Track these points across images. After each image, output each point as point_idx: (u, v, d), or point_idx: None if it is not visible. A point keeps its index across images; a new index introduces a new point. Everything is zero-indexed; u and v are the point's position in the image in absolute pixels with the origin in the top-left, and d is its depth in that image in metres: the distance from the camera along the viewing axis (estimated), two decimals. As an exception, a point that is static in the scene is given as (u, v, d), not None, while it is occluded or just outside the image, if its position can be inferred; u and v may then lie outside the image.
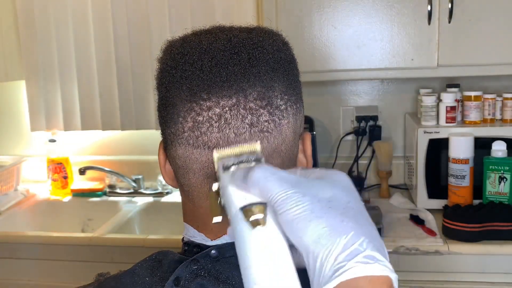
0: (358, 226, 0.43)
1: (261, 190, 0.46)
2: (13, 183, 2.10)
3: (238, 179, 0.48)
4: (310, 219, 0.42)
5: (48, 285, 1.67)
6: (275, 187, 0.45)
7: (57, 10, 2.04)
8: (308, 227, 0.42)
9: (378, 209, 1.64)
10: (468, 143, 1.57)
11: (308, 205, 0.43)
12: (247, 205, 0.47)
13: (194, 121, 0.56)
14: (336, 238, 0.41)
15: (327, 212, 0.43)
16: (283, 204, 0.44)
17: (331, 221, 0.42)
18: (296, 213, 0.43)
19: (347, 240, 0.41)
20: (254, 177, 0.46)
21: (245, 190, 0.47)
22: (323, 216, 0.43)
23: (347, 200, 0.45)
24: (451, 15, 1.59)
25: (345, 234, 0.41)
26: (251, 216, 0.46)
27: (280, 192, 0.44)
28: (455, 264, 1.44)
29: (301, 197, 0.44)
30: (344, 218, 0.43)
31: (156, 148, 0.66)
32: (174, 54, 0.59)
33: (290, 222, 0.43)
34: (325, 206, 0.44)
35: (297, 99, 0.61)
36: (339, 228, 0.42)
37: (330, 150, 2.04)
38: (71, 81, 2.07)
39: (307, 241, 0.42)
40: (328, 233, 0.41)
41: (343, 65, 1.69)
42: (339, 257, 0.40)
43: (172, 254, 0.63)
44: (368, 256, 0.41)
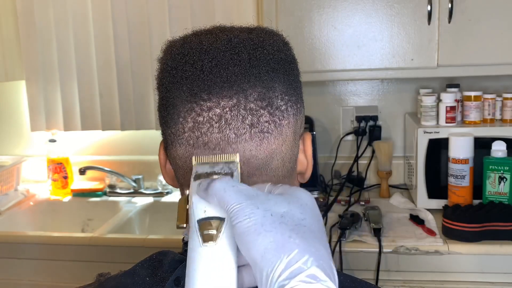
0: (305, 243, 0.42)
1: (219, 201, 0.46)
2: (13, 183, 2.10)
3: (201, 190, 0.48)
4: (259, 232, 0.43)
5: (48, 285, 1.66)
6: (231, 199, 0.46)
7: (57, 10, 2.04)
8: (256, 240, 0.43)
9: (378, 209, 1.64)
10: (468, 143, 1.57)
11: (259, 218, 0.44)
12: (205, 218, 0.47)
13: (194, 122, 0.56)
14: (281, 254, 0.41)
15: (277, 227, 0.43)
16: (236, 216, 0.44)
17: (279, 237, 0.42)
18: (247, 225, 0.44)
19: (291, 257, 0.41)
20: (214, 188, 0.47)
21: (206, 200, 0.48)
22: (272, 231, 0.43)
23: (301, 217, 0.45)
24: (451, 15, 1.59)
25: (290, 251, 0.41)
26: (205, 230, 0.47)
27: (235, 203, 0.45)
28: (455, 264, 1.44)
29: (254, 210, 0.44)
30: (293, 235, 0.43)
31: (156, 148, 0.66)
32: (175, 54, 0.59)
33: (241, 234, 0.44)
34: (277, 220, 0.44)
35: (298, 99, 0.61)
36: (286, 244, 0.42)
37: (330, 150, 2.04)
38: (71, 81, 2.07)
39: (254, 255, 0.42)
40: (274, 248, 0.42)
41: (343, 65, 1.69)
42: (282, 274, 0.40)
43: (172, 254, 0.63)
44: (310, 275, 0.40)
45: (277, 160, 0.59)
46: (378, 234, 1.47)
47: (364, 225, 1.56)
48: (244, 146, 0.56)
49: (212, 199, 0.47)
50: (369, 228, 1.52)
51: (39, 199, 2.10)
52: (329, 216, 1.61)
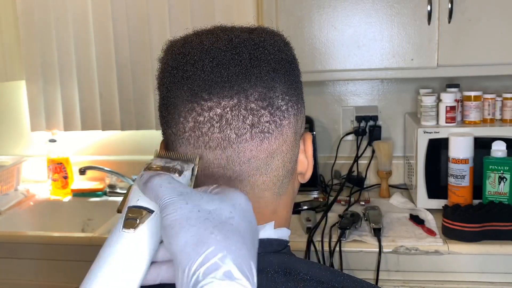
0: (226, 241, 0.43)
1: (155, 195, 0.47)
2: (13, 183, 2.10)
3: (141, 182, 0.50)
4: (183, 226, 0.43)
5: (48, 285, 1.66)
6: (165, 192, 0.47)
7: (57, 10, 2.04)
8: (179, 234, 0.43)
9: (378, 209, 1.64)
10: (468, 143, 1.57)
11: (186, 212, 0.44)
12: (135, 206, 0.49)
13: (195, 122, 0.56)
14: (200, 248, 0.42)
15: (201, 222, 0.44)
16: (166, 209, 0.45)
17: (201, 232, 0.43)
18: (173, 218, 0.44)
19: (208, 253, 0.41)
20: (153, 183, 0.48)
21: (144, 193, 0.49)
22: (195, 226, 0.43)
23: (230, 216, 0.46)
24: (451, 15, 1.59)
25: (208, 246, 0.42)
26: (129, 217, 0.48)
27: (167, 197, 0.46)
28: (454, 264, 1.44)
29: (183, 205, 0.45)
30: (215, 231, 0.43)
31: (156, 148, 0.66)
32: (175, 54, 0.59)
33: (166, 227, 0.44)
34: (202, 216, 0.44)
35: (298, 100, 0.61)
36: (206, 239, 0.42)
37: (330, 150, 2.04)
38: (71, 81, 2.07)
39: (174, 248, 0.43)
40: (194, 243, 0.42)
41: (343, 65, 1.69)
42: (199, 270, 0.41)
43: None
44: (226, 272, 0.41)
45: (277, 160, 0.59)
46: (378, 234, 1.47)
47: (364, 225, 1.57)
48: (244, 146, 0.56)
49: (149, 193, 0.48)
50: (369, 228, 1.52)
51: (39, 199, 2.10)
52: (329, 216, 1.61)
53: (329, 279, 0.60)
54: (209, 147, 0.56)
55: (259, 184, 0.58)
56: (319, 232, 1.52)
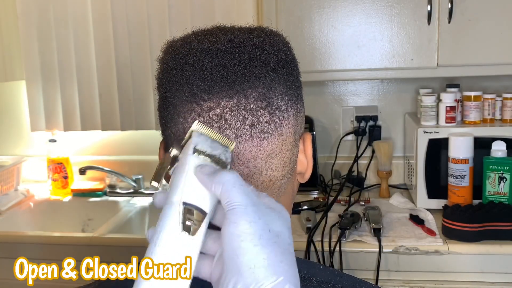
0: (291, 272, 0.44)
1: (224, 193, 0.46)
2: (13, 183, 2.10)
3: (205, 173, 0.47)
4: (255, 244, 0.43)
5: (48, 285, 1.66)
6: (238, 197, 0.45)
7: (57, 10, 2.04)
8: (250, 251, 0.43)
9: (378, 209, 1.64)
10: (468, 143, 1.57)
11: (259, 230, 0.44)
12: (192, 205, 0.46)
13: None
14: (270, 275, 0.42)
15: (272, 245, 0.44)
16: (237, 217, 0.44)
17: (272, 257, 0.43)
18: (245, 231, 0.44)
19: (277, 282, 0.42)
20: (224, 177, 0.46)
21: (206, 185, 0.47)
22: (267, 248, 0.43)
23: (289, 241, 0.46)
24: (451, 15, 1.59)
25: (278, 276, 0.42)
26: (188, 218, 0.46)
27: (240, 204, 0.45)
28: (454, 264, 1.44)
29: (257, 219, 0.44)
30: (284, 259, 0.44)
31: (156, 148, 0.66)
32: (175, 54, 0.59)
33: (235, 236, 0.44)
34: (273, 239, 0.44)
35: (298, 100, 0.61)
36: (276, 267, 0.43)
37: (330, 150, 2.04)
38: (71, 81, 2.07)
39: (241, 262, 0.43)
40: (265, 266, 0.42)
41: (343, 65, 1.69)
42: None
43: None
44: None
45: (277, 160, 0.59)
46: (378, 234, 1.47)
47: (364, 225, 1.57)
48: (244, 147, 0.56)
49: (216, 187, 0.46)
50: (369, 228, 1.52)
51: (39, 199, 2.10)
52: (329, 216, 1.60)
53: (329, 279, 0.60)
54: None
55: (258, 184, 0.58)
56: (319, 232, 1.52)
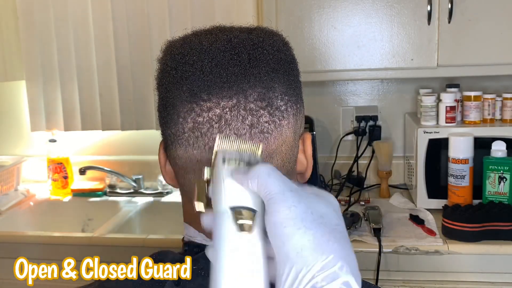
0: (341, 249, 0.42)
1: (260, 185, 0.45)
2: (13, 183, 2.10)
3: (239, 173, 0.47)
4: (299, 227, 0.42)
5: (48, 285, 1.66)
6: (275, 186, 0.44)
7: (57, 10, 2.04)
8: (294, 235, 0.42)
9: (378, 209, 1.64)
10: (468, 143, 1.57)
11: (300, 213, 0.43)
12: (239, 207, 0.45)
13: (194, 122, 0.56)
14: (319, 255, 0.41)
15: (317, 226, 0.42)
16: (277, 205, 0.43)
17: (318, 237, 0.42)
18: (287, 216, 0.42)
19: (328, 261, 0.41)
20: (258, 170, 0.45)
21: (243, 183, 0.46)
22: (312, 229, 0.42)
23: (336, 222, 0.45)
24: (451, 15, 1.59)
25: (328, 254, 0.41)
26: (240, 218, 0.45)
27: (278, 192, 0.44)
28: (454, 264, 1.44)
29: (297, 203, 0.43)
30: (331, 238, 0.42)
31: (156, 148, 0.66)
32: (174, 54, 0.59)
33: (278, 224, 0.42)
34: (317, 220, 0.43)
35: (298, 100, 0.61)
36: (324, 246, 0.41)
37: (330, 150, 2.04)
38: (71, 81, 2.07)
39: (288, 249, 0.42)
40: (312, 248, 0.41)
41: (343, 65, 1.69)
42: (317, 276, 0.40)
43: (172, 254, 0.63)
44: (345, 283, 0.40)
45: (277, 160, 0.59)
46: (378, 234, 1.47)
47: (364, 225, 1.56)
48: (244, 147, 0.56)
49: (252, 181, 0.45)
50: (369, 228, 1.52)
51: (39, 199, 2.10)
52: (329, 216, 1.60)
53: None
54: (208, 148, 0.56)
55: None
56: (319, 232, 1.52)
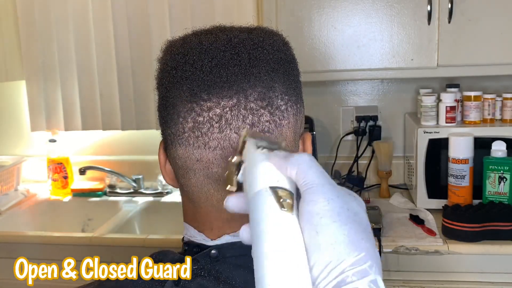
0: (372, 250, 0.43)
1: (300, 173, 0.45)
2: (13, 183, 2.10)
3: (278, 157, 0.47)
4: (335, 220, 0.43)
5: (48, 285, 1.66)
6: (315, 177, 0.45)
7: (57, 10, 2.04)
8: (330, 226, 0.42)
9: (378, 209, 1.64)
10: (468, 143, 1.57)
11: (337, 207, 0.43)
12: (278, 187, 0.46)
13: (194, 122, 0.56)
14: (351, 250, 0.41)
15: (351, 222, 0.43)
16: (315, 195, 0.44)
17: (352, 233, 0.43)
18: (324, 208, 0.43)
19: (360, 258, 0.41)
20: (300, 158, 0.46)
21: (281, 168, 0.46)
22: (347, 224, 0.43)
23: (367, 223, 0.46)
24: (451, 15, 1.59)
25: (360, 251, 0.42)
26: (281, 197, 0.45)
27: (318, 183, 0.44)
28: (455, 264, 1.44)
29: (335, 197, 0.44)
30: (364, 237, 0.43)
31: (156, 148, 0.66)
32: (174, 54, 0.59)
33: (314, 214, 0.43)
34: (352, 217, 0.44)
35: (298, 99, 0.61)
36: (357, 243, 0.42)
37: (330, 150, 2.04)
38: (72, 81, 2.07)
39: (322, 239, 0.42)
40: (346, 242, 0.42)
41: (343, 65, 1.69)
42: (348, 271, 0.41)
43: (172, 254, 0.63)
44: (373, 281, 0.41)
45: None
46: (378, 234, 1.47)
47: (364, 225, 1.56)
48: (244, 146, 0.56)
49: (292, 168, 0.46)
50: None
51: (39, 199, 2.10)
52: (329, 216, 1.60)
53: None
54: (208, 147, 0.56)
55: None
56: (319, 232, 1.52)
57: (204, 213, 0.61)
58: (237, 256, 0.59)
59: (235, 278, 0.57)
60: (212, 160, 0.57)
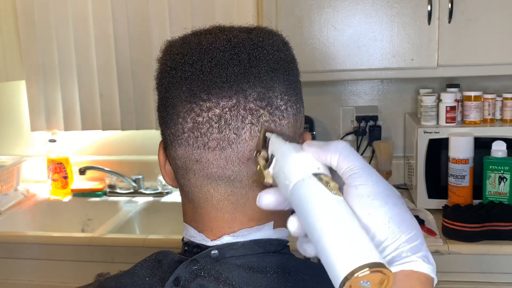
0: (419, 228, 0.46)
1: (342, 160, 0.46)
2: (13, 183, 2.10)
3: (315, 146, 0.48)
4: (386, 201, 0.45)
5: (48, 285, 1.66)
6: (358, 161, 0.46)
7: (57, 10, 2.04)
8: (383, 207, 0.44)
9: (378, 209, 1.63)
10: (468, 143, 1.57)
11: (385, 189, 0.45)
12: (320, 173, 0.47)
13: (194, 122, 0.56)
14: (405, 228, 0.44)
15: (401, 204, 0.46)
16: (363, 179, 0.45)
17: (403, 213, 0.45)
18: (375, 191, 0.45)
19: (411, 235, 0.44)
20: (339, 145, 0.47)
21: (320, 157, 0.47)
22: (397, 205, 0.45)
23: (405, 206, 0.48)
24: (451, 15, 1.59)
25: (412, 230, 0.44)
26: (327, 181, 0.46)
27: (362, 167, 0.46)
28: (455, 264, 1.44)
29: (380, 179, 0.46)
30: (412, 218, 0.46)
31: (156, 148, 0.66)
32: (174, 54, 0.59)
33: (365, 196, 0.44)
34: (398, 199, 0.46)
35: (297, 99, 0.61)
36: (409, 222, 0.45)
37: (330, 150, 2.03)
38: (71, 81, 2.07)
39: (375, 219, 0.44)
40: (399, 221, 0.44)
41: (343, 65, 1.69)
42: (402, 247, 0.43)
43: (172, 254, 0.63)
44: (425, 256, 0.44)
45: (277, 160, 0.59)
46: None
47: (364, 225, 1.56)
48: (244, 146, 0.56)
49: (334, 155, 0.47)
50: (369, 228, 1.52)
51: (39, 199, 2.10)
52: (329, 216, 1.60)
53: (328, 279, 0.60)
54: (208, 148, 0.56)
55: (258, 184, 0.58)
56: (319, 232, 1.52)
57: (204, 213, 0.61)
58: (237, 257, 0.59)
59: (235, 278, 0.57)
60: (211, 160, 0.57)
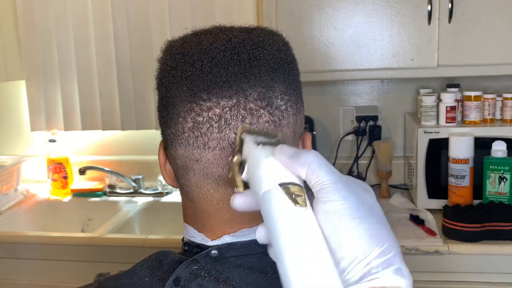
0: (392, 238, 0.45)
1: (311, 173, 0.45)
2: (13, 183, 2.10)
3: (285, 155, 0.47)
4: (354, 216, 0.43)
5: (48, 285, 1.66)
6: (327, 175, 0.45)
7: (57, 10, 2.04)
8: (350, 223, 0.43)
9: (378, 209, 1.63)
10: (468, 143, 1.57)
11: (354, 203, 0.44)
12: (288, 183, 0.45)
13: (194, 122, 0.56)
14: (374, 243, 0.42)
15: (370, 217, 0.44)
16: (330, 194, 0.44)
17: (372, 227, 0.43)
18: (342, 207, 0.43)
19: (383, 249, 0.43)
20: (308, 158, 0.46)
21: (290, 167, 0.46)
22: (366, 219, 0.44)
23: (381, 213, 0.47)
24: (451, 15, 1.59)
25: (382, 244, 0.43)
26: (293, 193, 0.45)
27: (329, 181, 0.44)
28: (455, 264, 1.44)
29: (349, 194, 0.44)
30: (383, 229, 0.44)
31: (156, 148, 0.66)
32: (174, 54, 0.59)
33: (332, 213, 0.43)
34: (368, 210, 0.45)
35: (297, 99, 0.61)
36: (379, 235, 0.43)
37: (330, 150, 2.03)
38: (71, 81, 2.07)
39: (343, 236, 0.43)
40: (367, 236, 0.43)
41: (343, 65, 1.69)
42: (372, 262, 0.42)
43: (172, 254, 0.63)
44: (397, 269, 0.43)
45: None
46: (378, 234, 1.47)
47: (364, 225, 1.56)
48: (243, 146, 0.56)
49: (302, 168, 0.45)
50: (369, 228, 1.52)
51: (39, 199, 2.10)
52: (329, 216, 1.60)
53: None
54: (208, 147, 0.56)
55: None
56: (319, 232, 1.52)
57: (204, 213, 0.61)
58: (237, 256, 0.59)
59: (235, 278, 0.57)
60: (211, 160, 0.57)
